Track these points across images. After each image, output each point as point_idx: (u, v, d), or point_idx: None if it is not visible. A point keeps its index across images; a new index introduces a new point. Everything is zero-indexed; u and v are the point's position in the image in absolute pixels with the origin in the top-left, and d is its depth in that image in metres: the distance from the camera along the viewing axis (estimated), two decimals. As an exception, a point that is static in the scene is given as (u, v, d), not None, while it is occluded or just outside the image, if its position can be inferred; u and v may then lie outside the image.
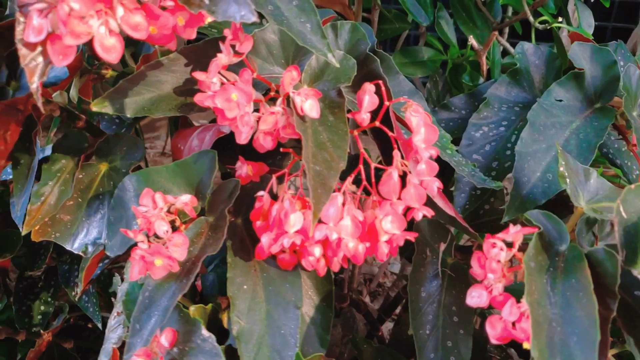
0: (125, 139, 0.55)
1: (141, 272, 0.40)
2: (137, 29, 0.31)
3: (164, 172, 0.46)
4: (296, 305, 0.41)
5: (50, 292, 0.85)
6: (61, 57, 0.31)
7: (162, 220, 0.41)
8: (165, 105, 0.44)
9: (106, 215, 0.54)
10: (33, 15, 0.30)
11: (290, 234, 0.39)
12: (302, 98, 0.40)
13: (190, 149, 0.50)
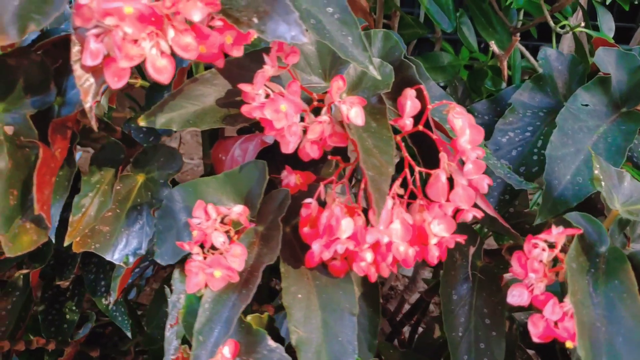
0: (162, 150, 0.56)
1: (199, 284, 0.41)
2: (187, 50, 0.32)
3: (213, 183, 0.46)
4: (351, 312, 0.42)
5: (75, 300, 0.85)
6: (116, 79, 0.31)
7: (218, 232, 0.41)
8: (210, 118, 0.44)
9: (146, 224, 0.54)
10: (90, 39, 0.31)
11: (342, 239, 0.40)
12: (347, 106, 0.40)
13: (232, 159, 0.51)
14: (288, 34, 0.31)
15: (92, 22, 0.30)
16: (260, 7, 0.32)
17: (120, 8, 0.29)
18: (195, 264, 0.41)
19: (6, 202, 0.41)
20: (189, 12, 0.30)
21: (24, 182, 0.42)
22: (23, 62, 0.42)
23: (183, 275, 0.50)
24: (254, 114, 0.40)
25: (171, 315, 0.48)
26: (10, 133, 0.42)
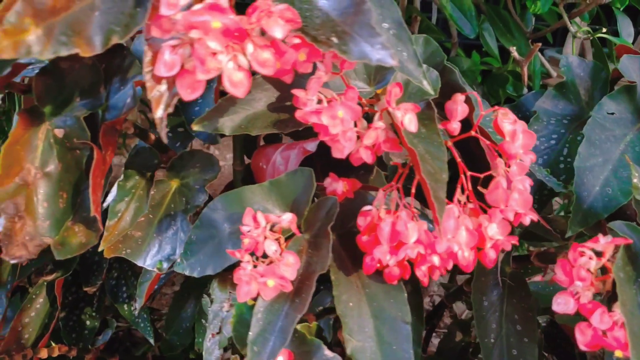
0: (198, 156, 0.55)
1: (250, 293, 0.41)
2: (265, 65, 0.32)
3: (258, 191, 0.46)
4: (404, 320, 0.42)
5: (94, 306, 0.84)
6: (189, 91, 0.31)
7: (271, 240, 0.41)
8: (260, 123, 0.44)
9: (181, 229, 0.54)
10: (165, 50, 0.31)
11: (410, 244, 0.40)
12: (402, 112, 0.41)
13: (274, 167, 0.51)
14: (373, 56, 0.30)
15: (172, 33, 0.30)
16: (337, 27, 0.31)
17: (207, 22, 0.28)
18: (247, 272, 0.41)
19: (56, 204, 0.41)
20: (272, 28, 0.30)
21: (73, 185, 0.42)
22: (75, 65, 0.42)
23: (222, 285, 0.50)
24: (309, 120, 0.40)
25: (212, 325, 0.48)
26: (60, 136, 0.41)
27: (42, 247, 0.40)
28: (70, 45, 0.29)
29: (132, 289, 0.80)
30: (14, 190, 0.39)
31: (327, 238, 0.42)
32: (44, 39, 0.29)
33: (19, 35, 0.28)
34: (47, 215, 0.41)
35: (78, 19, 0.30)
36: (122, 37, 0.30)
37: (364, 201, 0.46)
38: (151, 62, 0.31)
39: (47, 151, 0.41)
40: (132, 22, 0.30)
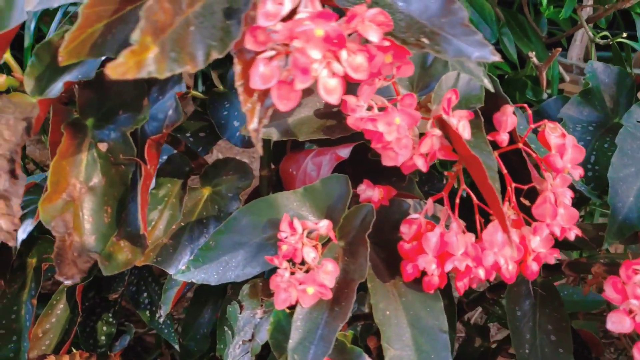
0: (232, 163, 0.55)
1: (288, 300, 0.41)
2: (358, 70, 0.31)
3: (292, 198, 0.46)
4: (441, 329, 0.42)
5: (111, 312, 0.84)
6: (285, 102, 0.31)
7: (310, 247, 0.41)
8: (307, 128, 0.44)
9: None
10: (259, 63, 0.30)
11: (457, 256, 0.40)
12: (456, 120, 0.41)
13: (305, 173, 0.50)
14: (472, 53, 0.30)
15: (268, 45, 0.30)
16: (425, 28, 0.31)
17: (310, 31, 0.28)
18: (285, 279, 0.41)
19: (101, 219, 0.41)
20: (368, 32, 0.30)
21: (118, 200, 0.42)
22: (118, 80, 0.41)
23: (253, 292, 0.50)
24: (363, 126, 0.40)
25: (243, 332, 0.48)
26: (104, 150, 0.41)
27: (91, 264, 0.40)
28: (181, 63, 0.29)
29: (153, 294, 0.80)
30: (62, 206, 0.39)
31: (365, 246, 0.42)
32: (160, 56, 0.28)
33: (141, 54, 0.28)
34: (92, 231, 0.40)
35: (180, 35, 0.29)
36: (221, 52, 0.30)
37: (400, 209, 0.46)
38: (242, 75, 0.31)
39: (91, 165, 0.41)
40: (226, 36, 0.30)
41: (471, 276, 0.42)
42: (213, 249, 0.45)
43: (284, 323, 0.43)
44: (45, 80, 0.39)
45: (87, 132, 0.42)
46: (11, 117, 0.36)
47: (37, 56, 0.39)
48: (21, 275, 0.71)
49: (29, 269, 0.71)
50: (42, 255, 0.71)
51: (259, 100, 0.32)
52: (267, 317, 0.47)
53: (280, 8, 0.29)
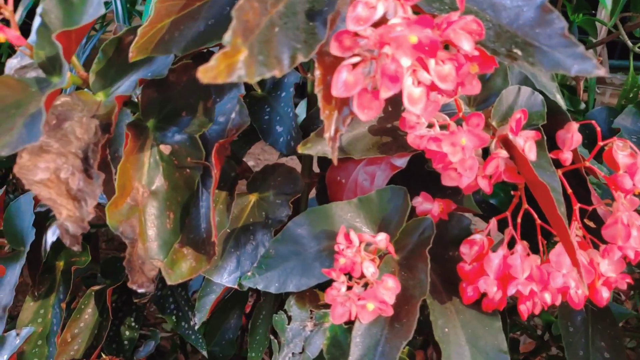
0: (280, 170, 0.54)
1: (345, 315, 0.40)
2: (446, 80, 0.30)
3: (347, 208, 0.45)
4: (501, 349, 0.41)
5: (133, 316, 0.83)
6: (367, 111, 0.30)
7: (369, 261, 0.40)
8: (362, 145, 0.43)
9: (261, 244, 0.52)
10: (343, 69, 0.29)
11: (521, 280, 0.40)
12: (523, 140, 0.39)
13: (356, 183, 0.49)
14: (571, 66, 0.28)
15: (355, 50, 0.29)
16: (516, 38, 0.30)
17: (404, 37, 0.27)
18: (342, 293, 0.40)
19: (163, 225, 0.39)
20: (460, 40, 0.29)
21: (182, 205, 0.40)
22: (182, 78, 0.40)
23: (301, 303, 0.49)
24: (427, 146, 0.39)
25: (293, 344, 0.47)
26: (167, 153, 0.40)
27: (156, 272, 0.39)
28: (269, 66, 0.27)
29: (180, 299, 0.79)
30: (127, 211, 0.37)
31: (425, 261, 0.41)
32: (249, 60, 0.27)
33: (233, 57, 0.26)
34: (155, 237, 0.39)
35: (266, 37, 0.28)
36: (306, 56, 0.29)
37: (460, 224, 0.45)
38: (322, 80, 0.30)
39: (154, 169, 0.39)
40: (311, 38, 0.29)
41: (535, 300, 0.41)
42: (273, 257, 0.45)
43: (340, 338, 0.42)
44: (111, 79, 0.38)
45: (149, 134, 0.40)
46: (82, 114, 0.35)
47: (104, 53, 0.38)
48: (49, 278, 0.70)
49: (57, 271, 0.70)
50: (71, 259, 0.70)
51: (336, 108, 0.31)
52: (318, 330, 0.46)
53: (372, 12, 0.28)
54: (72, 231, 0.33)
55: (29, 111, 0.32)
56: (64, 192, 0.33)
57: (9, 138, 0.30)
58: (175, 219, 0.40)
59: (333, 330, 0.43)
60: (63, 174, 0.33)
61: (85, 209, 0.33)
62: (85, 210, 0.33)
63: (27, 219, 0.67)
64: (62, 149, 0.34)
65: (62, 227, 0.33)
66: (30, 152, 0.33)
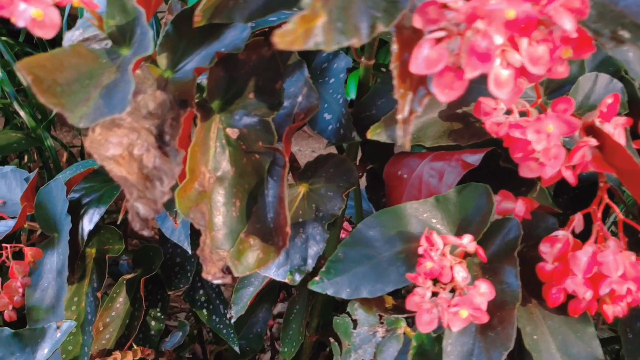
0: (333, 160, 0.51)
1: (432, 322, 0.37)
2: (537, 63, 0.27)
3: (422, 208, 0.42)
4: (596, 357, 0.38)
5: (158, 307, 0.80)
6: (448, 92, 0.27)
7: (460, 266, 0.37)
8: (432, 132, 0.40)
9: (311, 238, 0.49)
10: (425, 44, 0.26)
11: (614, 279, 0.37)
12: (612, 126, 0.37)
13: (420, 180, 0.46)
14: None
15: (440, 23, 0.25)
16: (623, 19, 0.27)
17: (500, 11, 0.24)
18: (428, 299, 0.37)
19: (229, 213, 0.36)
20: (562, 19, 0.26)
21: (249, 192, 0.37)
22: (252, 56, 0.37)
23: (367, 306, 0.46)
24: (508, 133, 0.36)
25: (362, 350, 0.44)
26: (234, 137, 0.37)
27: (223, 263, 0.35)
28: (347, 34, 0.25)
29: (210, 292, 0.76)
30: (196, 197, 0.34)
31: (512, 264, 0.38)
32: (327, 26, 0.25)
33: (311, 21, 0.24)
34: (221, 225, 0.36)
35: (345, 3, 0.26)
36: (387, 25, 0.26)
37: (544, 224, 0.42)
38: (398, 55, 0.27)
39: (220, 153, 0.36)
40: (392, 7, 0.26)
41: (629, 300, 0.38)
42: (342, 261, 0.42)
43: (427, 347, 0.39)
44: (180, 53, 0.35)
45: (214, 116, 0.37)
46: (154, 89, 0.31)
47: (174, 25, 0.35)
48: (81, 266, 0.67)
49: (89, 259, 0.67)
50: (104, 246, 0.67)
51: (412, 88, 0.28)
52: (391, 337, 0.43)
53: (464, -18, 0.25)
54: (143, 214, 0.30)
55: (103, 82, 0.29)
56: (135, 170, 0.30)
57: (86, 109, 0.27)
58: (242, 207, 0.37)
59: (419, 339, 0.40)
60: (137, 150, 0.30)
61: (159, 190, 0.30)
62: (159, 190, 0.30)
63: (59, 205, 0.64)
64: (134, 124, 0.30)
65: (133, 209, 0.30)
66: (102, 125, 0.30)
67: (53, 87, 0.27)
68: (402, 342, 0.43)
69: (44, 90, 0.26)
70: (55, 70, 0.28)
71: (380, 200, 0.53)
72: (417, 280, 0.38)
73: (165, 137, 0.30)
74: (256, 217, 0.37)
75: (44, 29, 0.28)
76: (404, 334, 0.44)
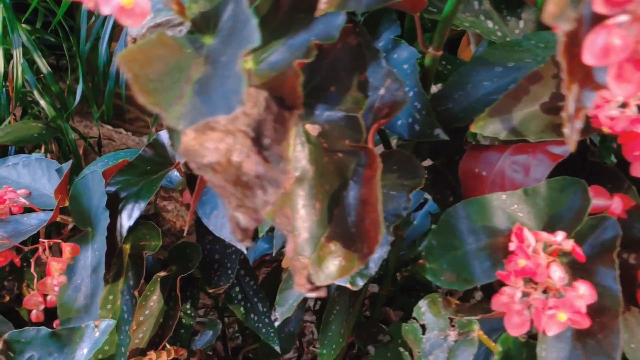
0: (397, 157, 0.48)
1: (523, 325, 0.34)
2: None
3: (508, 201, 0.39)
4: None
5: (188, 304, 0.78)
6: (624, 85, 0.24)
7: (556, 265, 0.35)
8: (534, 126, 0.37)
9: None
10: (601, 31, 0.23)
11: None
12: None
13: (502, 175, 0.43)
14: None
15: (628, 6, 0.22)
16: None
17: None
18: (519, 300, 0.34)
19: (309, 216, 0.33)
20: None
21: (330, 194, 0.34)
22: (337, 45, 0.34)
23: (435, 308, 0.44)
24: (627, 128, 0.33)
25: (433, 356, 0.41)
26: (315, 133, 0.34)
27: (307, 271, 0.33)
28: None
29: (247, 289, 0.73)
30: (280, 199, 0.31)
31: (611, 266, 0.36)
32: None
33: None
34: (300, 229, 0.33)
35: None
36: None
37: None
38: (567, 44, 0.24)
39: (299, 151, 0.33)
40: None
41: None
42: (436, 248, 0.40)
43: (514, 353, 0.37)
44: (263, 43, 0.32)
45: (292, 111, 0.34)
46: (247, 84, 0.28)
47: (258, 11, 0.32)
48: (116, 263, 0.64)
49: (124, 255, 0.65)
50: (139, 242, 0.64)
51: (577, 80, 0.26)
52: (465, 340, 0.40)
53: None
54: (244, 224, 0.27)
55: (192, 76, 0.26)
56: (232, 177, 0.27)
57: (181, 109, 0.24)
58: (322, 210, 0.34)
59: (505, 344, 0.37)
60: (236, 157, 0.27)
61: (260, 199, 0.27)
62: (260, 200, 0.27)
63: (96, 198, 0.61)
64: (229, 126, 0.27)
65: (233, 220, 0.27)
66: (196, 129, 0.27)
67: (146, 84, 0.24)
68: (477, 346, 0.41)
69: (139, 88, 0.24)
70: (145, 65, 0.25)
71: (447, 199, 0.50)
72: (508, 279, 0.35)
73: (263, 141, 0.27)
74: (337, 221, 0.34)
75: (132, 17, 0.25)
76: (477, 337, 0.41)
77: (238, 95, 0.23)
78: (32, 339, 0.48)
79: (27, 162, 0.70)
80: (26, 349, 0.48)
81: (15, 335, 0.47)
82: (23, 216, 0.63)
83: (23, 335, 0.48)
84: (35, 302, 0.56)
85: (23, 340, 0.48)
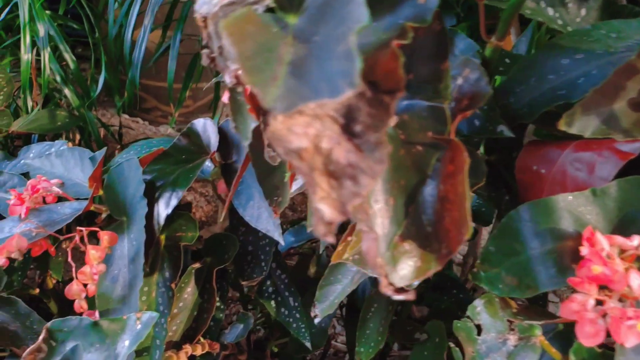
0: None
1: (598, 335, 0.33)
2: None
3: (576, 202, 0.38)
4: None
5: (218, 295, 0.77)
6: None
7: (635, 272, 0.33)
8: (624, 122, 0.36)
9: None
10: None
11: None
12: None
13: (564, 174, 0.42)
14: None
15: None
16: None
17: None
18: (592, 308, 0.33)
19: (382, 213, 0.32)
20: None
21: (406, 190, 0.33)
22: (418, 30, 0.32)
23: (492, 309, 0.42)
24: None
25: (489, 358, 0.40)
26: (392, 124, 0.32)
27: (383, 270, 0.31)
28: None
29: (279, 283, 0.72)
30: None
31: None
32: None
33: None
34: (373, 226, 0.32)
35: None
36: None
37: None
38: None
39: None
40: None
41: None
42: (494, 254, 0.38)
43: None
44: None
45: (368, 100, 0.33)
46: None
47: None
48: (151, 253, 0.63)
49: (160, 246, 0.64)
50: (175, 233, 0.63)
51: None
52: (525, 346, 0.39)
53: None
54: (328, 218, 0.25)
55: (283, 57, 0.24)
56: (319, 165, 0.26)
57: (276, 91, 0.23)
58: (396, 206, 0.33)
59: (579, 354, 0.36)
60: (325, 143, 0.25)
61: (349, 190, 0.25)
62: (348, 191, 0.25)
63: (132, 187, 0.60)
64: (318, 110, 0.26)
65: (318, 212, 0.25)
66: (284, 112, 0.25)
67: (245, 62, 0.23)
68: (540, 353, 0.40)
69: (242, 65, 0.22)
70: (239, 42, 0.24)
71: (502, 197, 0.49)
72: (582, 286, 0.34)
73: (355, 128, 0.26)
74: (412, 219, 0.33)
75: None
76: (540, 343, 0.40)
77: (349, 77, 0.21)
78: (74, 328, 0.47)
79: (60, 152, 0.69)
80: (68, 338, 0.47)
81: (57, 324, 0.46)
82: (57, 205, 0.62)
83: (66, 325, 0.47)
84: (77, 291, 0.56)
85: (65, 330, 0.47)
